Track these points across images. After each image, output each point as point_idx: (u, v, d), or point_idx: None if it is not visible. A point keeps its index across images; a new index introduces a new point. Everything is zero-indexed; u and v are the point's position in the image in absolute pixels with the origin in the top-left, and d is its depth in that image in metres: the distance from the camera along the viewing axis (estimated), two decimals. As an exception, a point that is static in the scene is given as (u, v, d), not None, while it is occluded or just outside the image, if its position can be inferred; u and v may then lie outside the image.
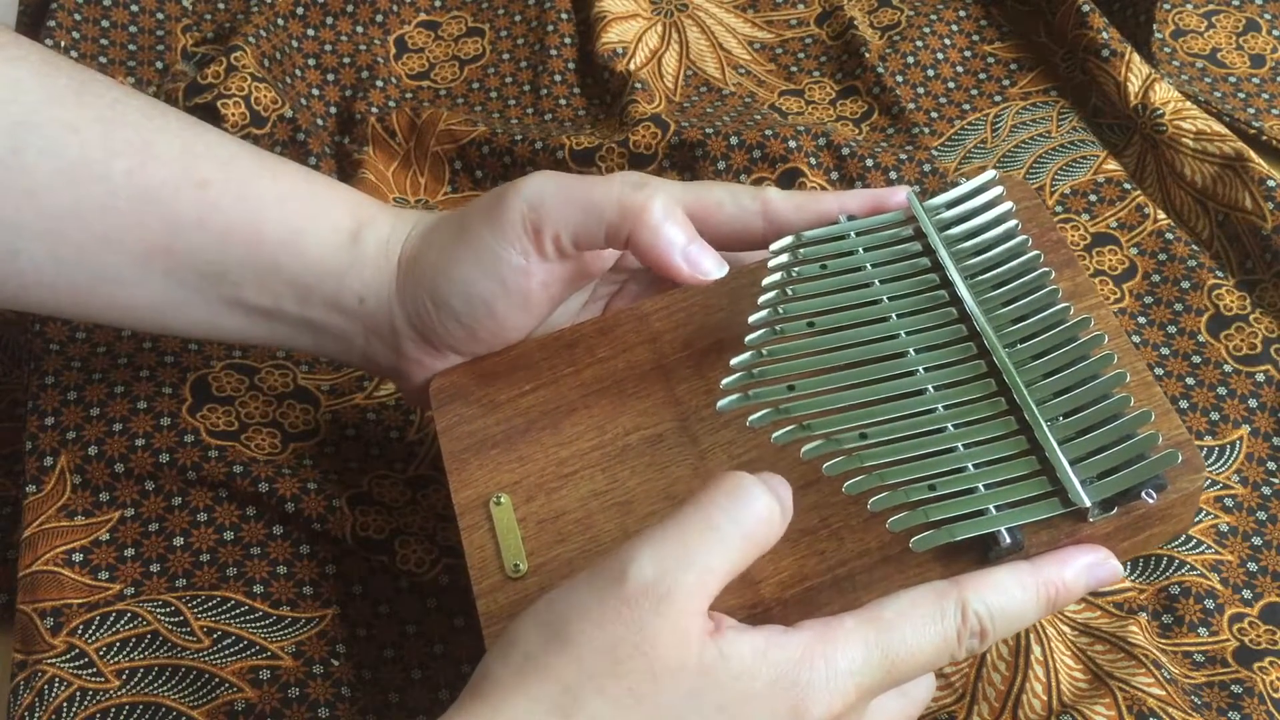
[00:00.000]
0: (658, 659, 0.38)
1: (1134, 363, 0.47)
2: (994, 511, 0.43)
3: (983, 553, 0.44)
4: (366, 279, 0.51)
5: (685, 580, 0.39)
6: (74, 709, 0.51)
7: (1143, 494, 0.44)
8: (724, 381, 0.46)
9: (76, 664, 0.53)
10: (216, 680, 0.53)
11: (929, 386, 0.46)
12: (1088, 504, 0.43)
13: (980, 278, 0.49)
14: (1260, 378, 0.62)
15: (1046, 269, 0.48)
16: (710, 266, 0.48)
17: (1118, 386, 0.45)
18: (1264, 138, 0.71)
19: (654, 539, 0.40)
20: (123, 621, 0.54)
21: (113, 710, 0.52)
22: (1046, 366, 0.46)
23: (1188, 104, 0.70)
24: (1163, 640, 0.55)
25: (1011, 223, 0.50)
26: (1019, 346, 0.47)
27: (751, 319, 0.48)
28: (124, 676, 0.53)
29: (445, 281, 0.49)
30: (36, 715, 0.51)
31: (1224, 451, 0.60)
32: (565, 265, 0.49)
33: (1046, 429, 0.44)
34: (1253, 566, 0.57)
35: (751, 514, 0.40)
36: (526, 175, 0.49)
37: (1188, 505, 0.46)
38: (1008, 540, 0.43)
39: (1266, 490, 0.59)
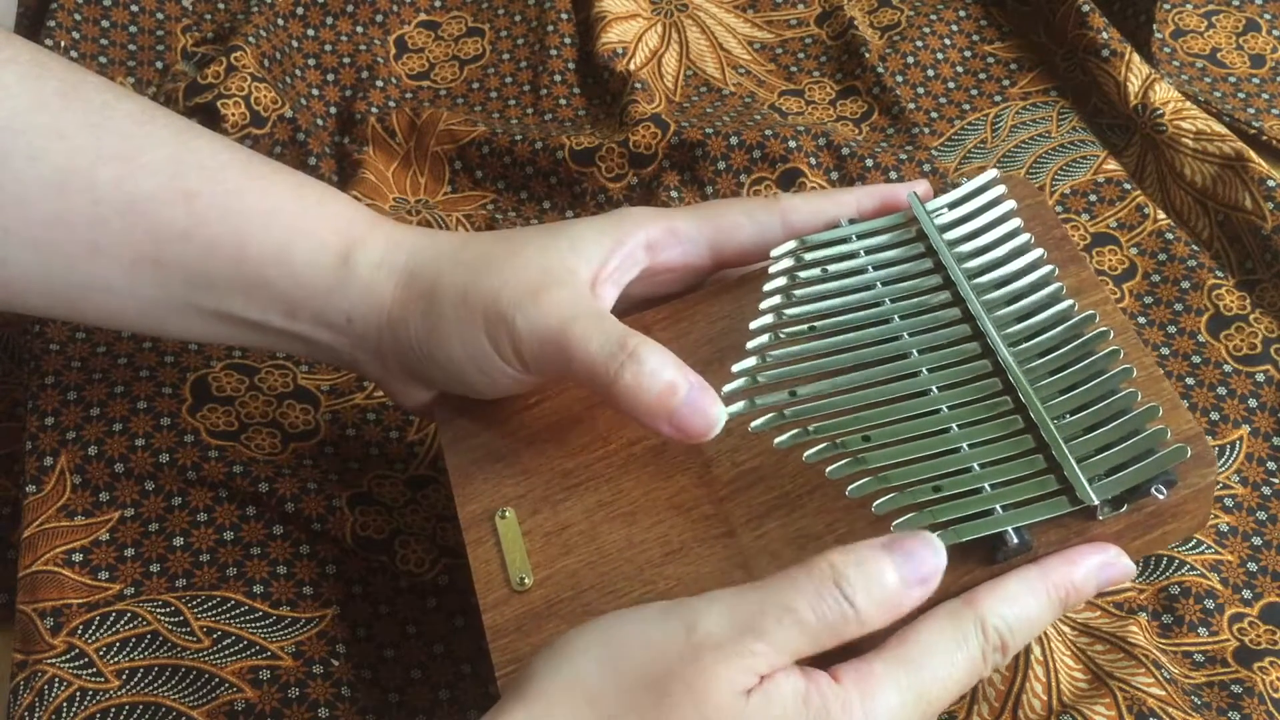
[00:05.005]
0: (707, 702, 0.38)
1: (1141, 358, 0.46)
2: (1000, 511, 0.43)
3: (990, 553, 0.43)
4: (354, 300, 0.50)
5: (754, 647, 0.39)
6: (74, 709, 0.51)
7: (1152, 490, 0.43)
8: (726, 388, 0.46)
9: (76, 664, 0.52)
10: (216, 680, 0.53)
11: (933, 387, 0.46)
12: (1095, 501, 0.43)
13: (983, 277, 0.48)
14: (1260, 378, 0.62)
15: (1050, 266, 0.48)
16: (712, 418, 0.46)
17: (1124, 382, 0.44)
18: (1264, 138, 0.71)
19: (734, 600, 0.39)
20: (123, 621, 0.54)
21: (113, 710, 0.51)
22: (1051, 364, 0.46)
23: (1188, 104, 0.70)
24: (1163, 640, 0.55)
25: (1014, 221, 0.50)
26: (1023, 345, 0.46)
27: (753, 325, 0.48)
28: (124, 676, 0.53)
29: (438, 352, 0.49)
30: (36, 715, 0.51)
31: (1224, 452, 0.60)
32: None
33: (1053, 427, 0.44)
34: (1253, 566, 0.57)
35: (839, 612, 0.40)
36: (524, 297, 0.47)
37: (1201, 501, 0.45)
38: (1015, 540, 0.43)
39: (1266, 490, 0.59)
